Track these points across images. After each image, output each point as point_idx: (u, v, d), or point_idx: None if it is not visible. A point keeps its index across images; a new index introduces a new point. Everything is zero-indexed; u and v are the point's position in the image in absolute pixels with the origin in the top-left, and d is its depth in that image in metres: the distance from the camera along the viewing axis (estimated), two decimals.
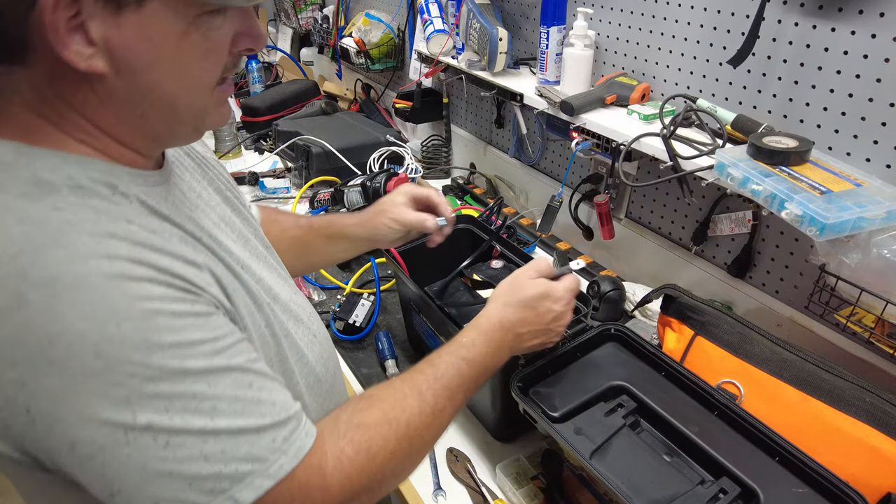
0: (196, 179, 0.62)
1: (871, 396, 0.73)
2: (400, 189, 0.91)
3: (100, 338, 0.41)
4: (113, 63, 0.45)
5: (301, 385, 0.60)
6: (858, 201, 0.74)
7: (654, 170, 1.18)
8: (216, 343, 0.46)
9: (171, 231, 0.50)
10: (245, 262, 0.58)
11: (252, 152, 1.99)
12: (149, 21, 0.44)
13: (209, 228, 0.56)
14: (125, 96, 0.48)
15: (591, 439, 0.73)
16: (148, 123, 0.50)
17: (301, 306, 0.66)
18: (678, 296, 0.93)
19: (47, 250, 0.42)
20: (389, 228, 0.88)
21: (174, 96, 0.49)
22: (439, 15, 1.51)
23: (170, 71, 0.47)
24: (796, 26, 0.88)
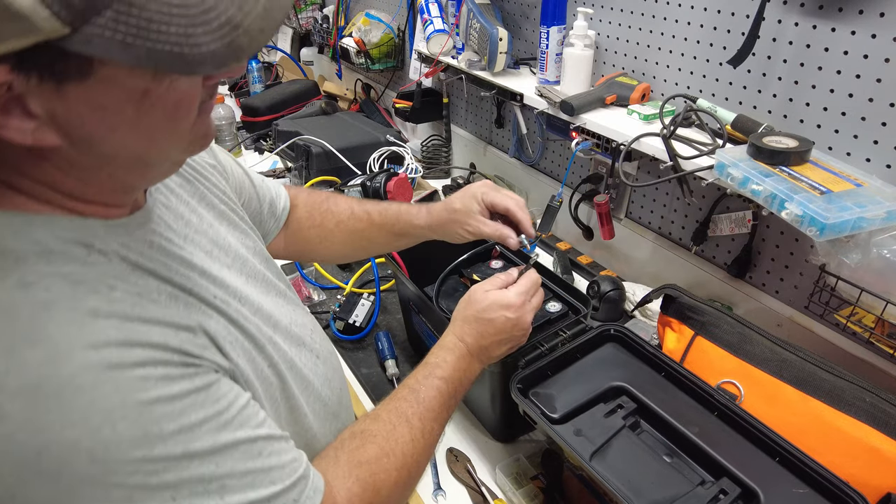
0: (183, 201, 0.57)
1: (871, 396, 0.73)
2: (476, 193, 0.82)
3: (94, 443, 0.37)
4: (63, 134, 0.39)
5: (309, 415, 0.59)
6: (858, 201, 0.74)
7: (654, 170, 1.18)
8: (220, 417, 0.44)
9: (159, 288, 0.46)
10: (241, 292, 0.55)
11: (252, 152, 1.99)
12: (99, 89, 0.38)
13: (200, 263, 0.52)
14: (87, 163, 0.42)
15: (591, 440, 0.73)
16: (117, 180, 0.45)
17: (302, 325, 0.64)
18: (678, 296, 0.92)
19: (22, 351, 0.37)
20: (462, 238, 0.83)
21: (144, 153, 0.43)
22: (439, 15, 1.51)
23: (133, 132, 0.41)
24: (796, 26, 0.88)
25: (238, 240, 0.62)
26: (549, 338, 0.85)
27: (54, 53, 0.35)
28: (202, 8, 0.35)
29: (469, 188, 0.84)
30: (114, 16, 0.34)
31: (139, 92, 0.39)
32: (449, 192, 1.71)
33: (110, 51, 0.34)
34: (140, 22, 0.34)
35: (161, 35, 0.35)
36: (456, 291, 1.00)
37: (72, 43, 0.34)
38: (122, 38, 0.34)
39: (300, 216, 0.86)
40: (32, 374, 0.37)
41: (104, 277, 0.42)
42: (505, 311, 0.72)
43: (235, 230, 0.63)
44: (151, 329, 0.42)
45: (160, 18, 0.34)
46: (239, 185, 0.74)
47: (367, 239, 0.87)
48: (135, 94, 0.39)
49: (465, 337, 0.72)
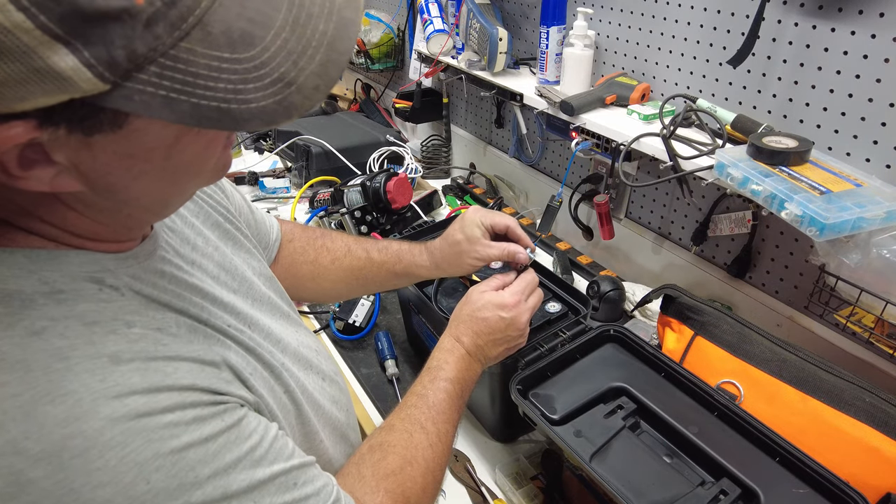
0: (188, 223, 0.56)
1: (870, 396, 0.73)
2: (474, 219, 0.81)
3: (130, 500, 0.35)
4: (85, 181, 0.37)
5: (324, 440, 0.59)
6: (858, 201, 0.74)
7: (653, 170, 1.18)
8: (254, 454, 0.42)
9: (178, 321, 0.44)
10: (251, 318, 0.54)
11: (252, 152, 1.99)
12: (129, 139, 0.35)
13: (210, 290, 0.50)
14: (105, 206, 0.40)
15: (591, 441, 0.73)
16: (134, 219, 0.44)
17: (308, 346, 0.63)
18: (678, 296, 0.92)
19: (41, 410, 0.34)
20: (472, 267, 0.81)
21: (168, 196, 0.42)
22: (439, 15, 1.51)
23: (159, 179, 0.39)
24: (796, 26, 0.88)
25: (243, 260, 0.61)
26: (548, 338, 0.84)
27: (88, 109, 0.32)
28: (255, 63, 0.33)
29: (464, 217, 0.82)
30: (158, 71, 0.31)
31: (171, 139, 0.37)
32: (449, 191, 1.71)
33: (151, 108, 0.32)
34: (186, 77, 0.31)
35: (208, 91, 0.32)
36: (456, 291, 1.00)
37: (109, 99, 0.31)
38: (166, 93, 0.32)
39: (294, 251, 0.83)
40: (55, 435, 0.34)
41: (120, 314, 0.40)
42: (499, 311, 0.72)
43: (240, 250, 0.61)
44: (178, 368, 0.40)
45: (208, 74, 0.32)
46: (238, 207, 0.71)
47: (365, 277, 0.84)
48: (166, 141, 0.37)
49: (461, 337, 0.72)
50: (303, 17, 0.34)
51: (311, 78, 0.34)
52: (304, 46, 0.34)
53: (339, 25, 0.35)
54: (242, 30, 0.32)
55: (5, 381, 0.34)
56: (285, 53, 0.33)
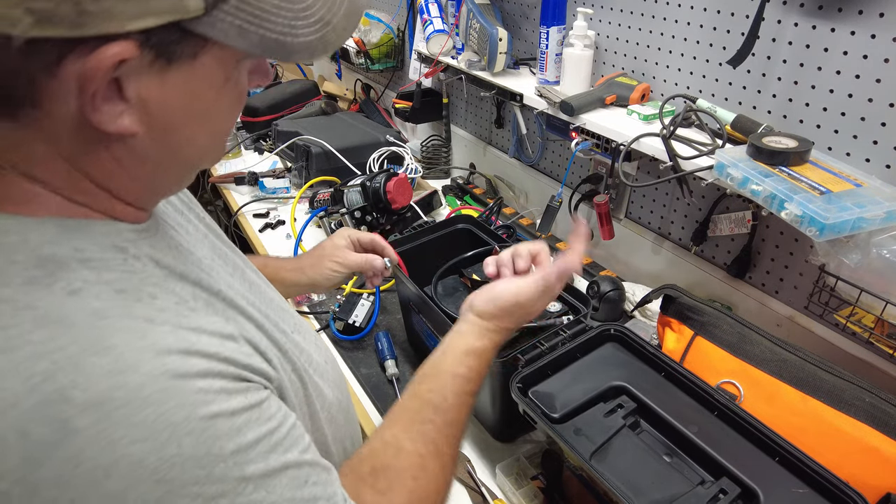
0: (178, 210, 0.57)
1: (870, 396, 0.73)
2: (342, 232, 0.91)
3: (160, 462, 0.36)
4: (146, 120, 0.39)
5: (324, 423, 0.58)
6: (858, 201, 0.74)
7: (653, 170, 1.18)
8: (271, 438, 0.42)
9: (195, 294, 0.45)
10: (250, 297, 0.54)
11: (252, 152, 1.99)
12: (198, 74, 0.40)
13: (212, 269, 0.51)
14: (150, 155, 0.42)
15: (591, 440, 0.73)
16: (163, 179, 0.46)
17: (306, 332, 0.63)
18: (678, 296, 0.93)
19: (88, 361, 0.35)
20: (333, 272, 0.87)
21: (203, 150, 0.45)
22: (439, 15, 1.51)
23: (204, 123, 0.43)
24: (796, 27, 0.88)
25: (229, 251, 0.61)
26: (549, 337, 0.85)
27: (179, 33, 0.37)
28: (303, 5, 0.40)
29: (336, 232, 0.93)
30: (237, 3, 0.37)
31: (222, 80, 0.42)
32: (449, 192, 1.72)
33: (229, 35, 0.38)
34: (256, 11, 0.38)
35: (271, 24, 0.39)
36: (456, 291, 1.00)
37: (200, 24, 0.37)
38: (241, 24, 0.38)
39: None
40: (101, 385, 0.35)
41: (143, 285, 0.41)
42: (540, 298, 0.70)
43: (223, 242, 0.61)
44: (202, 338, 0.41)
45: (271, 10, 0.38)
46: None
47: None
48: (219, 80, 0.41)
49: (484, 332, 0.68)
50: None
51: (342, 20, 0.43)
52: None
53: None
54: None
55: (52, 335, 0.35)
56: (322, 1, 0.41)
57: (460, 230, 1.14)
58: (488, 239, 1.10)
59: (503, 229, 1.41)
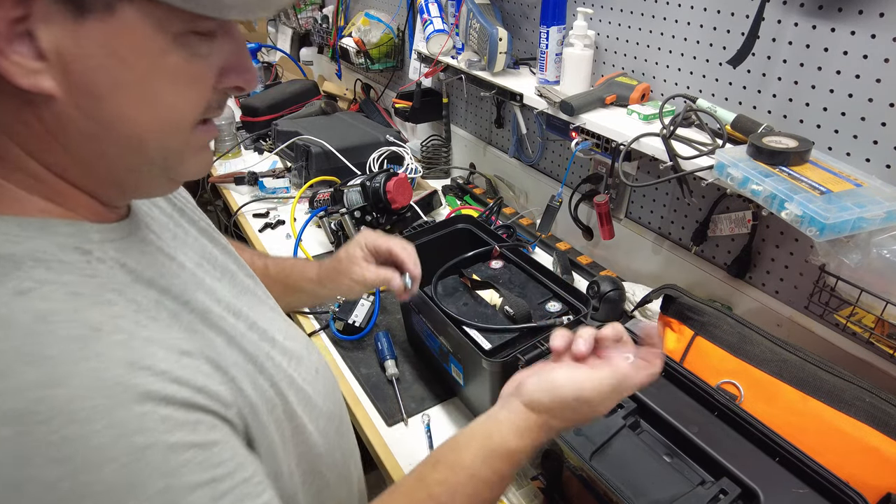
0: (167, 214, 0.55)
1: (870, 397, 0.73)
2: (359, 240, 0.82)
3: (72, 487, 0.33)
4: (66, 82, 0.36)
5: (314, 433, 0.55)
6: (858, 201, 0.74)
7: (653, 170, 1.18)
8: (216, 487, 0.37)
9: (159, 302, 0.42)
10: (234, 306, 0.51)
11: (251, 152, 1.99)
12: (119, 32, 0.36)
13: (194, 273, 0.49)
14: (80, 127, 0.38)
15: (591, 440, 0.73)
16: (109, 166, 0.41)
17: (297, 339, 0.60)
18: (678, 296, 0.92)
19: (18, 369, 0.33)
20: (351, 289, 0.81)
21: (143, 130, 0.40)
22: (439, 15, 1.51)
23: (139, 97, 0.38)
24: (796, 26, 0.88)
25: (223, 256, 0.59)
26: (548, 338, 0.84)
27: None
28: None
29: (355, 237, 0.83)
30: None
31: (158, 48, 0.37)
32: (449, 192, 1.72)
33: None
34: None
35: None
36: (456, 291, 1.00)
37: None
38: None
39: None
40: (27, 396, 0.33)
41: (103, 290, 0.39)
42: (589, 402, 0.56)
43: (217, 246, 0.59)
44: (155, 353, 0.38)
45: None
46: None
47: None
48: (153, 47, 0.37)
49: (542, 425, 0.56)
50: None
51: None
52: None
53: None
54: None
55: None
56: None
57: (460, 230, 1.14)
58: (488, 239, 1.10)
59: (503, 229, 1.41)
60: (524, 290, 0.98)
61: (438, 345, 0.97)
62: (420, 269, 0.82)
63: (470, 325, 0.89)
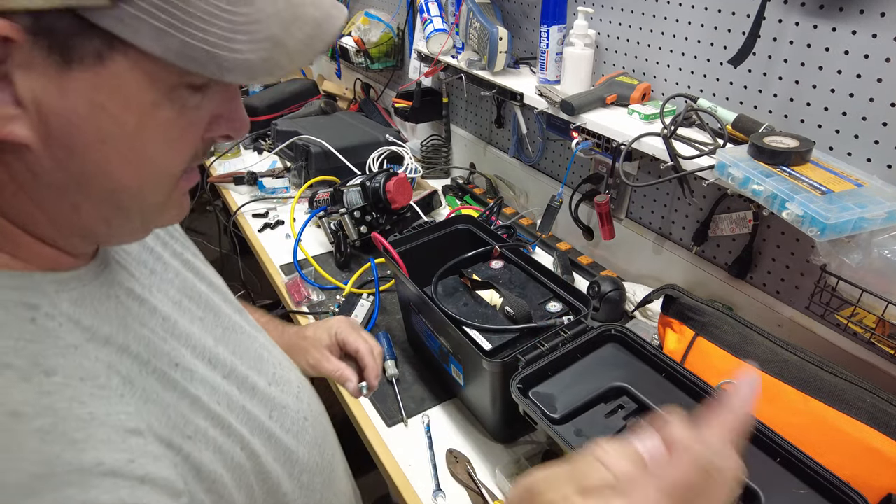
0: (146, 248, 0.51)
1: (871, 397, 0.73)
2: (331, 326, 0.80)
3: None
4: (43, 132, 0.33)
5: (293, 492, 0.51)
6: (859, 201, 0.74)
7: (654, 170, 1.18)
8: None
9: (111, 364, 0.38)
10: (212, 352, 0.48)
11: (251, 152, 1.98)
12: (108, 84, 0.33)
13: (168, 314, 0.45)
14: (52, 179, 0.35)
15: (592, 441, 0.72)
16: (80, 217, 0.38)
17: (288, 383, 0.56)
18: (679, 296, 0.92)
19: None
20: (304, 371, 0.77)
21: (124, 185, 0.37)
22: (439, 14, 1.51)
23: (124, 152, 0.36)
24: (797, 26, 0.87)
25: (209, 290, 0.55)
26: (549, 338, 0.84)
27: (78, 24, 0.31)
28: (249, 18, 0.34)
29: (329, 320, 0.82)
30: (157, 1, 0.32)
31: (149, 101, 0.35)
32: (449, 191, 1.71)
33: (141, 35, 0.32)
34: (182, 14, 0.32)
35: (200, 32, 0.33)
36: (456, 291, 1.00)
37: (103, 17, 0.31)
38: (159, 24, 0.32)
39: None
40: None
41: (42, 356, 0.34)
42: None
43: (203, 281, 0.56)
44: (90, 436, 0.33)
45: (203, 17, 0.33)
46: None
47: None
48: (143, 102, 0.35)
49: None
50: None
51: (299, 45, 0.37)
52: (294, 18, 0.36)
53: (325, 15, 0.38)
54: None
55: None
56: (278, 19, 0.35)
57: (460, 230, 1.14)
58: (488, 239, 1.09)
59: (503, 229, 1.41)
60: (524, 291, 0.98)
61: (438, 345, 0.97)
62: (378, 381, 0.80)
63: (470, 325, 0.89)
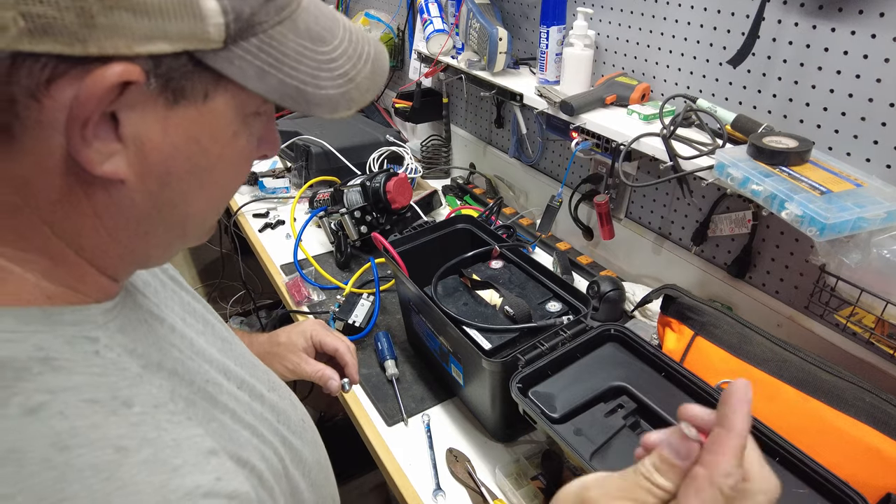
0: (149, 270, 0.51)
1: (870, 397, 0.73)
2: (305, 329, 0.81)
3: None
4: (140, 167, 0.34)
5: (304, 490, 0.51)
6: (858, 201, 0.74)
7: (654, 170, 1.18)
8: None
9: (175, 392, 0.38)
10: (224, 365, 0.48)
11: None
12: (207, 119, 0.35)
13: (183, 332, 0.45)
14: (138, 212, 0.36)
15: (591, 440, 0.73)
16: (146, 244, 0.39)
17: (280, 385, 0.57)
18: (678, 296, 0.92)
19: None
20: (282, 375, 0.77)
21: (196, 212, 0.39)
22: (439, 15, 1.51)
23: (205, 181, 0.37)
24: (796, 26, 0.88)
25: (193, 300, 0.55)
26: (549, 337, 0.84)
27: (192, 66, 0.33)
28: (329, 57, 0.39)
29: (301, 324, 0.82)
30: (258, 43, 0.35)
31: (232, 132, 0.37)
32: (449, 191, 1.71)
33: (247, 75, 0.35)
34: (278, 55, 0.36)
35: (293, 71, 0.37)
36: (456, 291, 1.00)
37: (217, 59, 0.33)
38: (261, 65, 0.35)
39: None
40: None
41: (117, 388, 0.34)
42: None
43: (188, 293, 0.55)
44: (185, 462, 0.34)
45: (295, 57, 0.37)
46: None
47: None
48: (227, 133, 0.37)
49: None
50: (355, 37, 0.41)
51: (365, 80, 0.41)
52: (358, 55, 0.41)
53: (378, 50, 0.43)
54: (319, 31, 0.38)
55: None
56: (346, 57, 0.40)
57: (460, 230, 1.14)
58: (488, 239, 1.10)
59: (503, 229, 1.41)
60: (524, 290, 0.98)
61: (438, 345, 0.97)
62: (358, 376, 0.81)
63: (470, 325, 0.89)
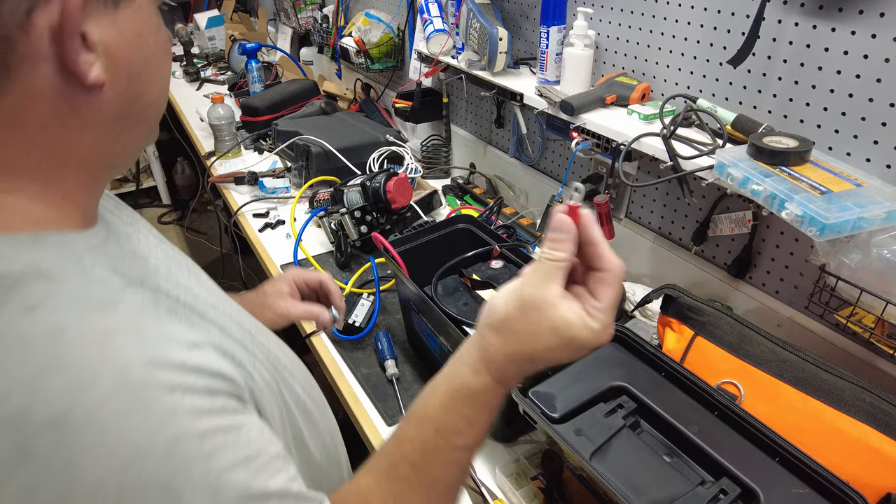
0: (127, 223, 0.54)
1: (870, 397, 0.73)
2: (287, 276, 0.85)
3: (121, 487, 0.34)
4: (112, 68, 0.40)
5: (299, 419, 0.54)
6: (858, 201, 0.74)
7: (654, 170, 1.18)
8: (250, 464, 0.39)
9: (156, 300, 0.43)
10: (210, 300, 0.51)
11: (251, 152, 1.99)
12: (138, 14, 0.42)
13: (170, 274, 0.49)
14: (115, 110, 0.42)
15: (592, 440, 0.73)
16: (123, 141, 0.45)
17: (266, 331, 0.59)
18: (678, 296, 0.92)
19: (44, 381, 0.34)
20: (274, 322, 0.80)
21: (154, 99, 0.46)
22: (439, 14, 1.51)
23: (153, 70, 0.44)
24: (796, 26, 0.88)
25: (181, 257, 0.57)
26: None
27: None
28: None
29: (281, 275, 0.86)
30: None
31: (156, 25, 0.44)
32: (449, 191, 1.71)
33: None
34: None
35: None
36: (456, 291, 1.00)
37: None
38: None
39: None
40: (59, 404, 0.33)
41: (104, 294, 0.39)
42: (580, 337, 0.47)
43: (174, 250, 0.57)
44: (167, 346, 0.39)
45: None
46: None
47: None
48: (153, 25, 0.43)
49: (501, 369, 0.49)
50: None
51: None
52: None
53: None
54: None
55: (8, 356, 0.34)
56: None
57: (460, 230, 1.14)
58: (488, 239, 1.10)
59: (503, 229, 1.41)
60: None
61: (438, 345, 0.97)
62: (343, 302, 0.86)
63: (470, 325, 0.89)
